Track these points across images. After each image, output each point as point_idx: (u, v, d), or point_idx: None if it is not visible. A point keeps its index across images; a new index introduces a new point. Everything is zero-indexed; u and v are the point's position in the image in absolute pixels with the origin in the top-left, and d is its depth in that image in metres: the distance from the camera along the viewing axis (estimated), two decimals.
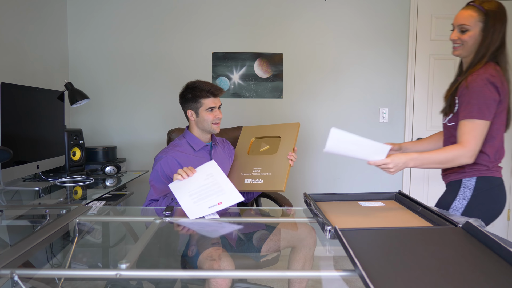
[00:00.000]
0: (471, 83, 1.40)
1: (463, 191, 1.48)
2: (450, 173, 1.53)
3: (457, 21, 1.47)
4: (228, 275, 1.22)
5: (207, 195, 1.41)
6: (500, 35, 1.43)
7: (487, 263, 0.88)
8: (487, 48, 1.42)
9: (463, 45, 1.47)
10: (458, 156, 1.37)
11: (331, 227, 1.09)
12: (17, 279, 0.87)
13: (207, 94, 1.75)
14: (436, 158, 1.38)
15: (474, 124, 1.38)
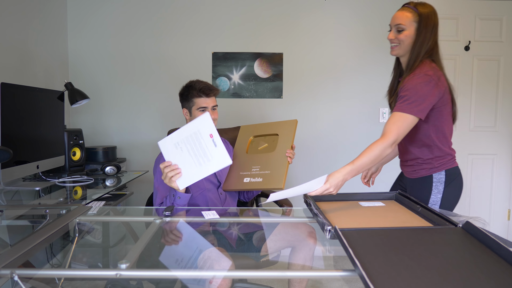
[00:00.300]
0: (407, 81, 1.49)
1: (436, 185, 1.57)
2: (419, 169, 1.61)
3: (393, 22, 1.55)
4: (228, 275, 1.22)
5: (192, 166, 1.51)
6: (433, 36, 1.53)
7: (487, 263, 0.88)
8: (421, 47, 1.52)
9: (400, 45, 1.55)
10: (382, 149, 1.42)
11: (331, 227, 1.09)
12: (17, 279, 0.87)
13: (198, 93, 1.75)
14: (368, 160, 1.41)
15: (402, 116, 1.45)
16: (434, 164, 1.57)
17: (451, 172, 1.58)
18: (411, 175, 1.66)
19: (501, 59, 3.07)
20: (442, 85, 1.51)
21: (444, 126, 1.56)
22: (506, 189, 3.15)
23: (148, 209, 1.87)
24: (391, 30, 1.57)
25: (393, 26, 1.56)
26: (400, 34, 1.54)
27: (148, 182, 2.87)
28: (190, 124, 1.52)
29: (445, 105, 1.54)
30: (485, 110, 3.10)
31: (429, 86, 1.46)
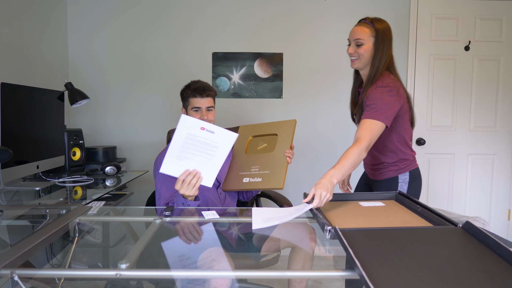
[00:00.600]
0: (372, 92, 1.59)
1: (401, 185, 1.72)
2: (385, 171, 1.74)
3: (352, 36, 1.64)
4: (228, 275, 1.22)
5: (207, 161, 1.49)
6: (389, 49, 1.64)
7: (487, 263, 0.88)
8: (380, 60, 1.62)
9: (360, 58, 1.65)
10: (359, 153, 1.49)
11: (331, 227, 1.09)
12: (17, 279, 0.87)
13: (193, 93, 1.76)
14: (348, 164, 1.46)
15: (372, 123, 1.55)
16: (400, 166, 1.72)
17: (414, 172, 1.73)
18: (377, 177, 1.78)
19: (501, 59, 3.07)
20: (402, 95, 1.62)
21: (405, 131, 1.70)
22: (506, 189, 3.15)
23: (148, 209, 1.87)
24: (350, 44, 1.66)
25: (352, 41, 1.64)
26: (360, 48, 1.63)
27: (148, 182, 2.87)
28: (176, 134, 1.46)
29: (405, 112, 1.67)
30: (485, 110, 3.10)
31: (392, 96, 1.57)
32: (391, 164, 1.72)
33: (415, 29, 3.03)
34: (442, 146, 3.12)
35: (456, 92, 3.09)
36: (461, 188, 3.15)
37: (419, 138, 3.09)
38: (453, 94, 3.09)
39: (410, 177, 1.72)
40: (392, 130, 1.67)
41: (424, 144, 3.09)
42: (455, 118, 3.11)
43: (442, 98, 3.10)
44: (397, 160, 1.71)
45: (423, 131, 3.10)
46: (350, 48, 1.65)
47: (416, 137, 3.10)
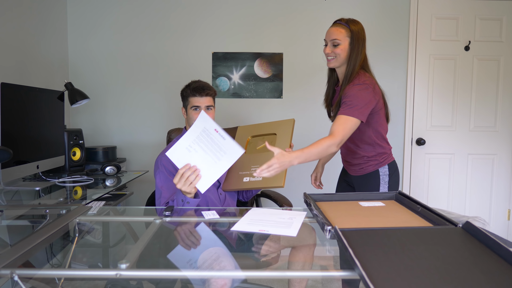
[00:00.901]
0: (348, 90, 1.67)
1: (383, 178, 1.81)
2: (366, 166, 1.82)
3: (329, 37, 1.72)
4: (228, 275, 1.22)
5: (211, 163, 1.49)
6: (363, 49, 1.72)
7: (487, 263, 0.88)
8: (356, 59, 1.70)
9: (336, 58, 1.72)
10: (329, 146, 1.57)
11: (331, 227, 1.09)
12: (17, 279, 0.87)
13: (192, 92, 1.77)
14: (315, 151, 1.54)
15: (346, 119, 1.62)
16: (379, 160, 1.81)
17: (392, 165, 1.83)
18: (358, 172, 1.86)
19: (501, 59, 3.07)
20: (378, 92, 1.71)
21: (381, 126, 1.79)
22: (506, 189, 3.15)
23: (148, 209, 1.87)
24: (327, 45, 1.73)
25: (329, 41, 1.72)
26: (336, 48, 1.70)
27: (148, 182, 2.87)
28: (194, 125, 1.52)
29: (381, 109, 1.75)
30: (485, 110, 3.10)
31: (367, 93, 1.65)
32: (371, 159, 1.80)
33: (415, 29, 3.03)
34: (442, 146, 3.12)
35: (456, 92, 3.09)
36: (461, 188, 3.15)
37: (419, 138, 3.09)
38: (453, 94, 3.09)
39: (389, 170, 1.81)
40: (369, 126, 1.76)
41: (424, 144, 3.09)
42: (455, 118, 3.11)
43: (442, 98, 3.10)
44: (376, 154, 1.80)
45: (423, 131, 3.10)
46: (327, 48, 1.73)
47: (416, 137, 3.11)
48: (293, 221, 1.34)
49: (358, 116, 1.63)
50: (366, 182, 1.84)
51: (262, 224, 1.32)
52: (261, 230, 1.27)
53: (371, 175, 1.82)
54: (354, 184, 1.92)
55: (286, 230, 1.27)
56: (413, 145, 3.11)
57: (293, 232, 1.25)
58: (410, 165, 3.12)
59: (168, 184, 1.69)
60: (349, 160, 1.90)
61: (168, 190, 1.69)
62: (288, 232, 1.26)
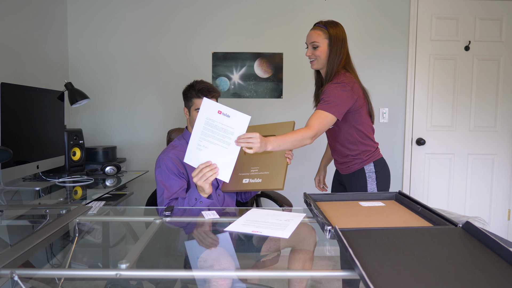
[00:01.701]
0: (327, 87, 1.72)
1: (369, 176, 1.83)
2: (351, 165, 1.85)
3: (309, 40, 1.79)
4: (228, 275, 1.22)
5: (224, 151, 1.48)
6: (343, 49, 1.77)
7: (487, 263, 0.88)
8: (334, 60, 1.76)
9: (317, 59, 1.78)
10: (304, 137, 1.59)
11: (331, 227, 1.09)
12: (17, 279, 0.87)
13: (197, 94, 1.75)
14: (289, 140, 1.56)
15: (323, 114, 1.66)
16: (363, 158, 1.83)
17: (378, 162, 1.85)
18: (346, 171, 1.89)
19: (501, 59, 3.07)
20: (356, 91, 1.74)
21: (362, 124, 1.81)
22: (506, 189, 3.15)
23: (148, 209, 1.87)
24: (307, 47, 1.80)
25: (309, 44, 1.79)
26: (316, 50, 1.77)
27: (148, 182, 2.87)
28: (198, 118, 1.50)
29: (361, 107, 1.78)
30: (485, 110, 3.10)
31: (345, 92, 1.69)
32: (355, 157, 1.83)
33: (415, 29, 3.03)
34: (442, 146, 3.12)
35: (456, 92, 3.09)
36: (461, 188, 3.15)
37: (419, 138, 3.09)
38: (453, 94, 3.09)
39: (376, 167, 1.84)
40: (350, 124, 1.80)
41: (424, 144, 3.09)
42: (455, 118, 3.11)
43: (442, 98, 3.10)
44: (359, 152, 1.83)
45: (423, 131, 3.10)
46: (308, 51, 1.79)
47: (416, 137, 3.11)
48: (289, 223, 1.34)
49: (334, 113, 1.66)
50: (354, 181, 1.87)
51: (256, 225, 1.32)
52: (254, 231, 1.27)
53: (357, 173, 1.86)
54: (345, 183, 1.95)
55: (280, 232, 1.27)
56: (413, 145, 3.11)
57: (286, 234, 1.26)
58: (410, 165, 3.12)
59: (171, 183, 1.69)
60: (336, 159, 1.95)
61: (170, 188, 1.69)
62: (281, 234, 1.26)
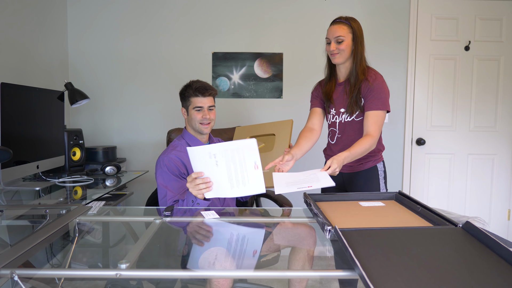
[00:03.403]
0: (373, 82, 1.74)
1: (381, 174, 1.85)
2: (366, 162, 1.84)
3: (333, 35, 1.75)
4: (228, 275, 1.22)
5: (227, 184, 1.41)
6: (363, 44, 1.78)
7: (487, 263, 0.88)
8: (361, 54, 1.76)
9: (341, 53, 1.75)
10: (371, 145, 1.68)
11: (331, 227, 1.09)
12: (17, 279, 0.87)
13: (195, 92, 1.76)
14: (360, 151, 1.65)
15: (377, 114, 1.72)
16: (378, 156, 1.85)
17: (384, 163, 1.88)
18: (357, 168, 1.86)
19: (501, 59, 3.07)
20: None
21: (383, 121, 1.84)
22: (506, 189, 3.15)
23: (148, 209, 1.87)
24: (330, 42, 1.76)
25: (333, 39, 1.75)
26: (341, 44, 1.74)
27: (148, 182, 2.87)
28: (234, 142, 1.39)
29: None
30: (485, 110, 3.10)
31: (386, 85, 1.76)
32: (371, 154, 1.83)
33: (415, 29, 3.03)
34: (442, 146, 3.12)
35: (456, 92, 3.09)
36: (461, 188, 3.15)
37: (419, 138, 3.09)
38: (453, 94, 3.09)
39: (384, 167, 1.87)
40: None
41: (424, 144, 3.09)
42: (455, 118, 3.11)
43: (442, 98, 3.10)
44: (375, 149, 1.83)
45: (423, 131, 3.10)
46: (332, 46, 1.76)
47: (416, 137, 3.10)
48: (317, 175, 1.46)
49: (385, 107, 1.73)
50: (366, 178, 1.85)
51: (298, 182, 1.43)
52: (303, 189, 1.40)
53: (370, 171, 1.84)
54: (354, 179, 1.89)
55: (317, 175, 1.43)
56: (413, 145, 3.11)
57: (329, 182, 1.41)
58: (410, 165, 3.12)
59: (172, 184, 1.69)
60: None
61: (173, 188, 1.69)
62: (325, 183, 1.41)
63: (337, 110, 1.84)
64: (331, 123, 1.89)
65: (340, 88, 1.84)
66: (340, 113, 1.84)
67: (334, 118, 1.86)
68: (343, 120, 1.83)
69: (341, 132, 1.87)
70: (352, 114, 1.80)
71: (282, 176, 1.48)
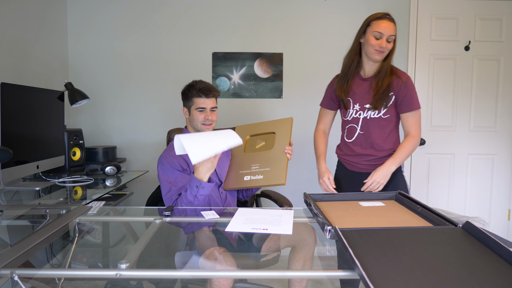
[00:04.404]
0: (407, 80, 1.75)
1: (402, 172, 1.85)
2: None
3: (388, 32, 1.71)
4: (228, 275, 1.22)
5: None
6: None
7: (487, 263, 0.88)
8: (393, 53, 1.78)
9: (385, 52, 1.74)
10: (415, 147, 1.74)
11: (331, 227, 1.09)
12: (17, 279, 0.87)
13: (198, 93, 1.76)
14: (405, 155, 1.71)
15: (417, 114, 1.77)
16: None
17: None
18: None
19: (501, 59, 3.07)
20: None
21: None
22: (506, 189, 3.15)
23: (148, 209, 1.87)
24: (380, 38, 1.71)
25: (387, 36, 1.71)
26: (390, 43, 1.73)
27: (148, 182, 2.87)
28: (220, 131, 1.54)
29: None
30: (485, 110, 3.10)
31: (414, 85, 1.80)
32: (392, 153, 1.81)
33: (415, 29, 3.03)
34: (442, 146, 3.12)
35: (456, 92, 3.09)
36: (461, 188, 3.15)
37: None
38: (453, 94, 3.09)
39: (401, 166, 1.85)
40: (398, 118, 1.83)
41: (424, 144, 3.09)
42: (455, 118, 3.11)
43: (442, 98, 3.10)
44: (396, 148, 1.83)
45: (423, 131, 3.10)
46: (384, 42, 1.71)
47: None
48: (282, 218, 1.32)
49: (419, 105, 1.77)
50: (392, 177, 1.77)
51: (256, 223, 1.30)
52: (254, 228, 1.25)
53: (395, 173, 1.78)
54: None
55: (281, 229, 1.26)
56: None
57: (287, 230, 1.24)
58: (410, 165, 3.12)
59: (176, 177, 1.69)
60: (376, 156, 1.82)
61: (177, 182, 1.68)
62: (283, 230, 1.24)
63: (362, 106, 1.79)
64: (352, 119, 1.83)
65: (366, 84, 1.79)
66: (365, 109, 1.79)
67: (357, 114, 1.81)
68: (369, 116, 1.79)
69: (363, 128, 1.81)
70: (379, 110, 1.77)
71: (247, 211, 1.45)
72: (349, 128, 1.85)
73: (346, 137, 1.88)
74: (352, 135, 1.84)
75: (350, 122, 1.84)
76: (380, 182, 1.67)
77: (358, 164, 1.87)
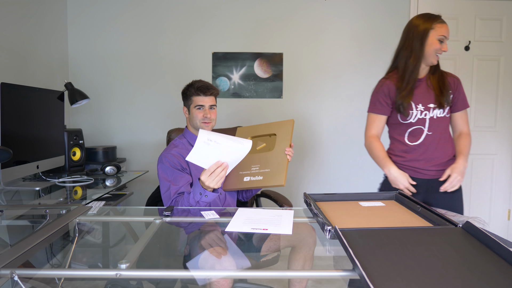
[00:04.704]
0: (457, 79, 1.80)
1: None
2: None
3: (448, 35, 1.74)
4: (228, 275, 1.22)
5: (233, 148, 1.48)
6: None
7: (487, 263, 0.88)
8: None
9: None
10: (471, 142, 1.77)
11: (331, 227, 1.09)
12: (17, 279, 0.87)
13: (196, 91, 1.77)
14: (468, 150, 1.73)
15: (467, 112, 1.82)
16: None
17: None
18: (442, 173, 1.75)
19: (501, 59, 3.07)
20: None
21: None
22: (506, 189, 3.15)
23: (148, 209, 1.87)
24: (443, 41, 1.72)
25: (446, 39, 1.74)
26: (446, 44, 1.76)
27: (148, 182, 2.87)
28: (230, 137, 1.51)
29: None
30: (485, 110, 3.10)
31: None
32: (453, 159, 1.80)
33: None
34: None
35: None
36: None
37: None
38: None
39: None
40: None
41: None
42: None
43: None
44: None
45: None
46: (446, 45, 1.73)
47: None
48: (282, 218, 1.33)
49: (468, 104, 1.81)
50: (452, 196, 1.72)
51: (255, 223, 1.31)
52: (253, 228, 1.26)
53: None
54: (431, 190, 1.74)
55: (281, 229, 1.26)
56: None
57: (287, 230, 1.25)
58: None
59: (175, 176, 1.69)
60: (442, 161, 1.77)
61: (176, 181, 1.69)
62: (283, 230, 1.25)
63: (425, 105, 1.74)
64: (417, 120, 1.75)
65: (423, 84, 1.77)
66: (430, 109, 1.74)
67: (423, 114, 1.74)
68: (435, 116, 1.75)
69: (431, 129, 1.75)
70: (444, 109, 1.75)
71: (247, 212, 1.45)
72: (412, 130, 1.77)
73: (408, 141, 1.78)
74: (418, 137, 1.76)
75: (414, 124, 1.76)
76: (459, 178, 1.65)
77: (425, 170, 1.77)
